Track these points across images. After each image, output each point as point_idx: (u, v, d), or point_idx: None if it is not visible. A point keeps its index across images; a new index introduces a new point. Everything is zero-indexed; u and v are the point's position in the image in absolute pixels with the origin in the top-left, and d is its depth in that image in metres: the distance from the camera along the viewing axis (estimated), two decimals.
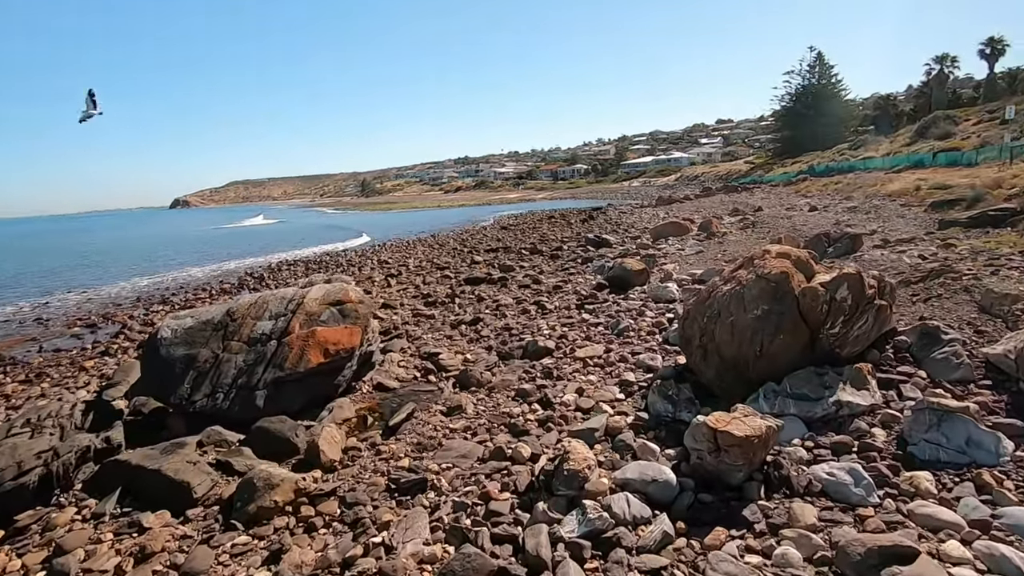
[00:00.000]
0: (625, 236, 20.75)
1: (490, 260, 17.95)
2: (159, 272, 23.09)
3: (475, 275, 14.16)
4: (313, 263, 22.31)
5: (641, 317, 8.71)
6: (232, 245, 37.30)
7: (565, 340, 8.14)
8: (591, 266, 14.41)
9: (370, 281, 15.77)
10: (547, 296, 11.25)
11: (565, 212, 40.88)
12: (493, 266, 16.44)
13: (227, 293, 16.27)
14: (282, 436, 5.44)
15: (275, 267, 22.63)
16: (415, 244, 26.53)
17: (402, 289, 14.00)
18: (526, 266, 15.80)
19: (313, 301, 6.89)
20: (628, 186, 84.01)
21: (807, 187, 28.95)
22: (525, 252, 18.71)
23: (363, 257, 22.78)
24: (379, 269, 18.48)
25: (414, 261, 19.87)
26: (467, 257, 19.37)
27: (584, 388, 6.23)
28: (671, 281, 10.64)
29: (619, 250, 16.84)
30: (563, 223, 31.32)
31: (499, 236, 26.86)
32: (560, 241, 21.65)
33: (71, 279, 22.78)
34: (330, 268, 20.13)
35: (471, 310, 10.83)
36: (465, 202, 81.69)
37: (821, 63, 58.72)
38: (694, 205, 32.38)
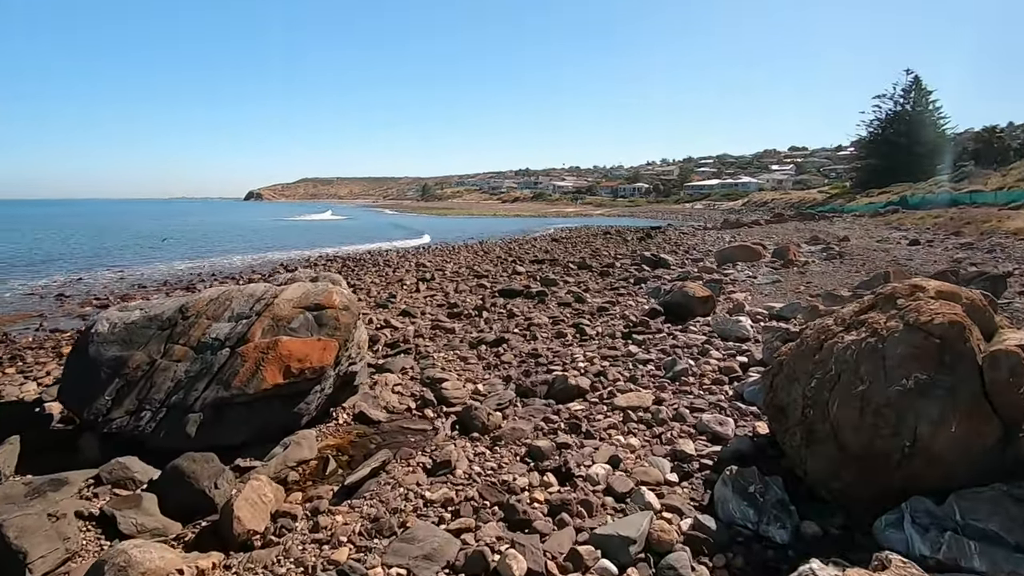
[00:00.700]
0: (686, 258, 18.63)
1: (533, 272, 16.31)
2: (201, 257, 22.84)
3: (512, 287, 12.54)
4: (350, 260, 21.38)
5: (704, 358, 6.80)
6: (292, 237, 37.40)
7: (603, 379, 6.36)
8: (645, 288, 12.50)
9: (399, 284, 14.46)
10: (589, 319, 9.47)
11: (622, 229, 38.77)
12: (534, 278, 14.78)
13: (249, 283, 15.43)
14: (196, 486, 3.97)
15: (313, 261, 21.86)
16: (460, 249, 25.24)
17: (430, 296, 12.56)
18: (571, 281, 14.04)
19: (286, 302, 5.46)
20: (691, 208, 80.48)
21: (899, 219, 25.70)
22: (572, 266, 16.95)
23: (402, 258, 21.65)
24: (414, 272, 17.20)
25: (453, 266, 18.49)
26: (509, 267, 17.80)
27: (621, 457, 4.45)
28: (743, 314, 8.65)
29: (678, 272, 14.82)
30: (618, 239, 29.31)
31: (548, 247, 25.20)
32: (613, 257, 19.73)
33: (119, 257, 22.88)
34: (366, 266, 19.06)
35: (497, 327, 9.20)
36: (521, 212, 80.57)
37: (918, 88, 53.64)
38: (764, 231, 29.61)
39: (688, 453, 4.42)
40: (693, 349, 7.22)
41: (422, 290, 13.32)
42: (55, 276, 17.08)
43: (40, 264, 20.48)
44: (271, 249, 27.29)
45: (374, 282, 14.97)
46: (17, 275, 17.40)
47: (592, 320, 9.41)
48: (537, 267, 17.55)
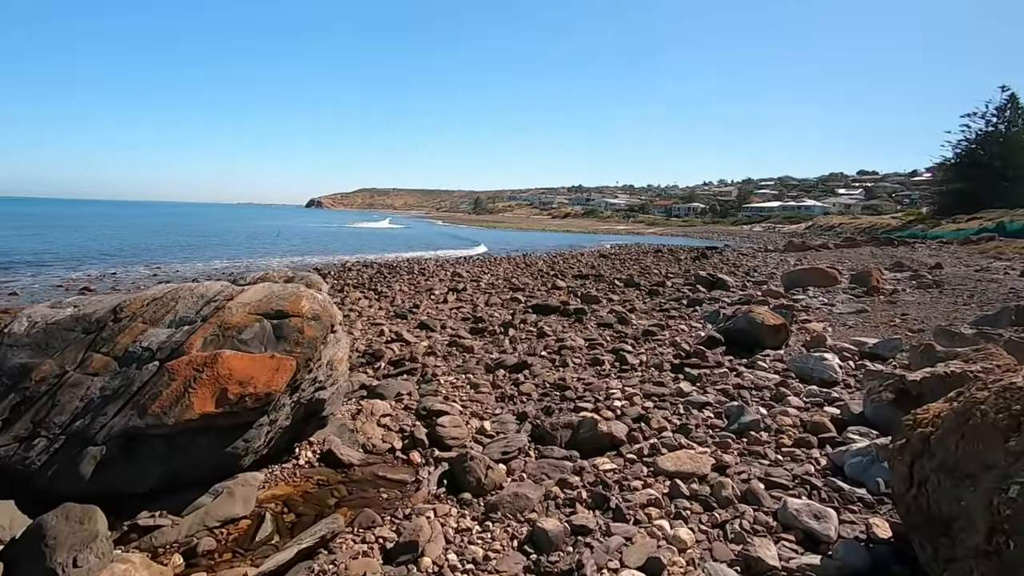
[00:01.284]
0: (747, 279, 16.70)
1: (574, 287, 14.87)
2: (241, 257, 22.68)
3: (547, 302, 11.15)
4: (387, 266, 20.55)
5: (780, 405, 5.20)
6: (341, 242, 37.58)
7: (645, 426, 4.88)
8: (700, 311, 10.84)
9: (428, 293, 13.34)
10: (632, 344, 7.97)
11: (674, 248, 36.68)
12: (575, 294, 13.34)
13: None
14: (47, 561, 2.80)
15: (349, 266, 21.18)
16: (501, 261, 24.07)
17: (456, 308, 11.34)
18: (615, 299, 12.51)
19: (240, 306, 4.30)
20: (749, 230, 76.67)
21: (997, 248, 22.65)
22: (618, 283, 15.39)
23: (440, 267, 20.65)
24: (447, 281, 16.09)
25: (489, 277, 17.28)
26: (549, 280, 16.42)
27: (664, 560, 2.98)
28: (825, 349, 6.94)
29: (739, 295, 13.02)
30: (670, 258, 27.41)
31: (594, 263, 23.67)
32: (664, 276, 18.01)
33: (165, 254, 23.04)
34: (400, 273, 18.14)
35: (523, 349, 7.83)
36: (570, 228, 79.02)
37: (1014, 106, 48.54)
38: (835, 255, 26.96)
39: (768, 563, 2.91)
40: (764, 392, 5.61)
41: (450, 301, 12.13)
42: (89, 271, 17.07)
43: (98, 257, 20.83)
44: (314, 253, 27.02)
45: (402, 290, 13.93)
46: (59, 268, 17.52)
47: (636, 346, 7.90)
48: (579, 282, 16.09)
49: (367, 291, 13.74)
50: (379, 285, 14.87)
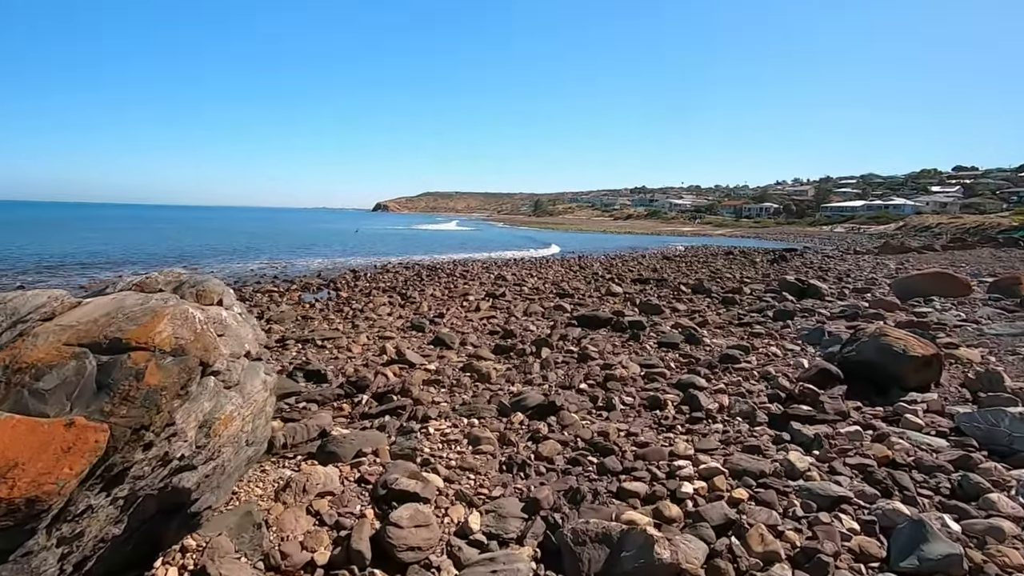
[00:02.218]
0: (843, 286, 13.83)
1: (632, 294, 12.67)
2: (282, 258, 21.91)
3: (596, 313, 9.07)
4: (427, 268, 19.03)
5: (979, 511, 2.96)
6: (395, 244, 36.93)
7: (737, 546, 2.80)
8: (792, 327, 8.41)
9: (462, 299, 11.60)
10: (707, 374, 5.80)
11: (747, 249, 33.28)
12: (632, 302, 11.17)
13: (273, 293, 13.45)
14: None
15: (389, 267, 19.84)
16: (552, 263, 22.05)
17: (487, 317, 9.49)
18: (681, 309, 10.24)
19: (56, 332, 2.62)
20: (829, 231, 70.37)
21: None
22: (685, 290, 13.03)
23: (485, 269, 18.91)
24: (488, 285, 14.31)
25: (536, 281, 15.34)
26: (604, 285, 14.28)
27: None
28: (1007, 393, 4.53)
29: (839, 306, 10.39)
30: (744, 261, 24.40)
31: (657, 266, 21.19)
32: (739, 281, 15.42)
33: (220, 256, 22.76)
34: (438, 276, 16.54)
35: (556, 377, 5.83)
36: (632, 230, 75.52)
37: None
38: (944, 257, 23.00)
39: None
40: (939, 479, 3.36)
41: (483, 309, 10.30)
42: (123, 270, 16.67)
43: (169, 258, 20.83)
44: (358, 254, 26.03)
45: (433, 294, 12.26)
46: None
47: (711, 378, 5.73)
48: (639, 288, 13.86)
49: (395, 295, 12.18)
50: (411, 289, 13.29)
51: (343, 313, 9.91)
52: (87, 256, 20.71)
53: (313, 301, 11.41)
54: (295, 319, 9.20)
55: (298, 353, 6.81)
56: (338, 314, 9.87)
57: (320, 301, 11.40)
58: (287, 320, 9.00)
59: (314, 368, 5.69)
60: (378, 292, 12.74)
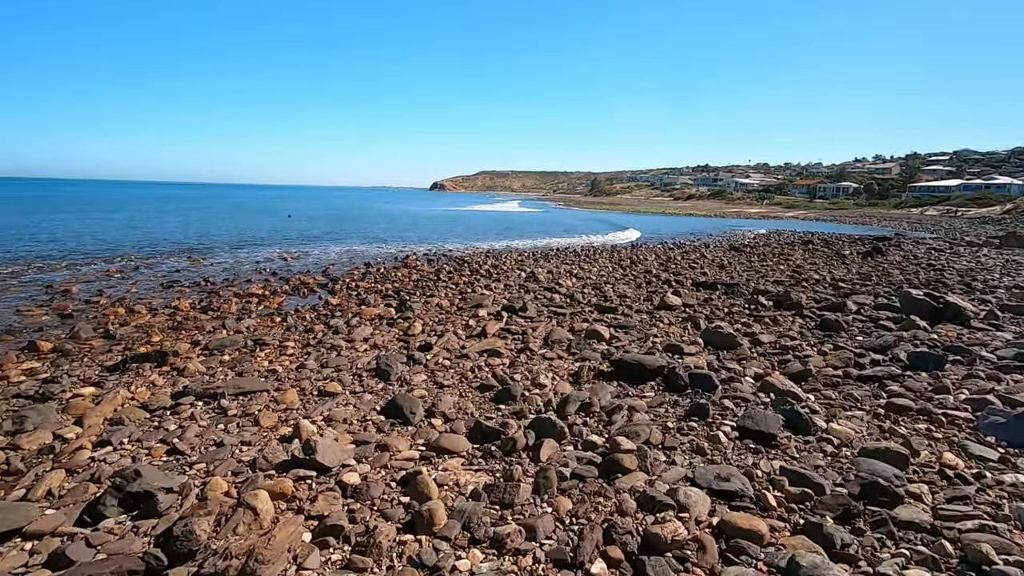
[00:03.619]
0: (980, 297, 10.18)
1: (693, 308, 9.67)
2: (297, 247, 19.84)
3: (640, 358, 6.19)
4: (455, 261, 16.53)
5: None
6: (473, 227, 34.92)
7: None
8: (954, 386, 5.27)
9: (472, 315, 9.03)
10: (846, 538, 2.96)
11: (828, 237, 28.75)
12: (695, 325, 8.21)
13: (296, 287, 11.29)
14: None
15: (410, 261, 17.51)
16: (598, 255, 19.02)
17: (486, 352, 6.84)
18: (765, 343, 7.22)
19: None
20: (919, 214, 62.48)
21: None
22: (765, 303, 9.87)
23: (519, 264, 16.19)
24: (515, 288, 11.65)
25: (574, 283, 12.51)
26: (659, 290, 11.30)
27: None
28: None
29: (1000, 339, 7.04)
30: (827, 253, 20.42)
31: (724, 260, 17.76)
32: (831, 284, 12.03)
33: (236, 242, 21.30)
34: (463, 272, 14.00)
35: (551, 530, 3.17)
36: (694, 211, 70.05)
37: None
38: None
39: None
40: None
41: (490, 333, 7.68)
42: (174, 257, 15.27)
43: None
44: (385, 241, 23.82)
45: (440, 304, 9.74)
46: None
47: (859, 545, 2.88)
48: (703, 297, 10.78)
49: (393, 302, 9.77)
50: (418, 293, 10.84)
51: (311, 335, 7.58)
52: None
53: (291, 311, 9.18)
54: (243, 345, 6.95)
55: (177, 427, 4.47)
56: (305, 335, 7.56)
57: (300, 312, 9.16)
58: (227, 349, 6.75)
59: (141, 489, 3.29)
60: (377, 298, 10.37)
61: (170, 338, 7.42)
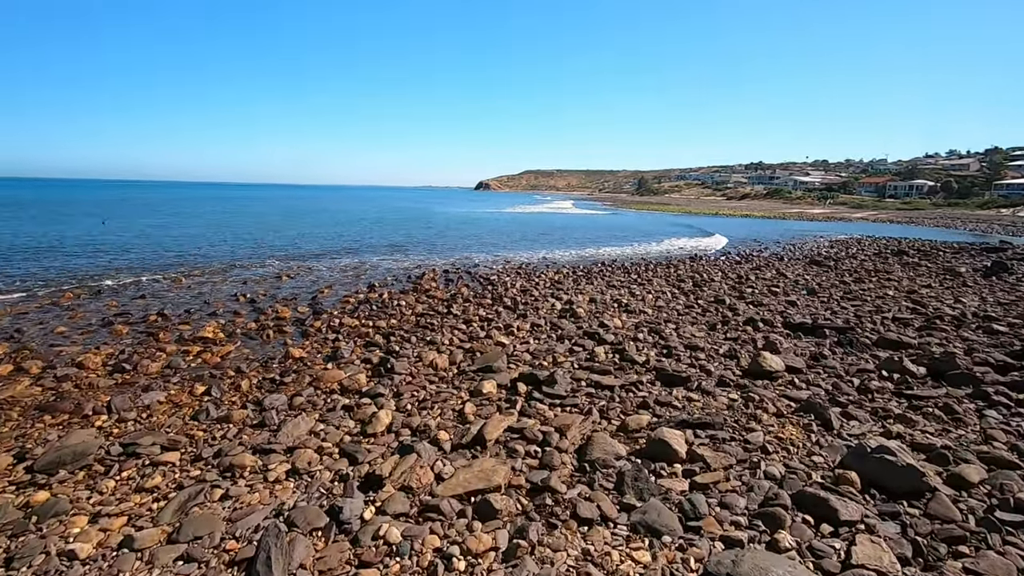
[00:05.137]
0: None
1: (807, 372, 6.41)
2: (298, 260, 17.37)
3: (777, 512, 3.15)
4: (479, 279, 13.64)
5: None
6: (507, 233, 32.22)
7: None
8: None
9: (482, 379, 6.15)
10: None
11: (921, 246, 24.14)
12: (823, 422, 5.03)
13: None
14: None
15: (424, 280, 14.78)
16: (653, 274, 15.68)
17: (471, 503, 3.93)
18: (975, 484, 3.99)
19: None
20: (1011, 215, 55.12)
21: None
22: (913, 368, 6.48)
23: (556, 286, 13.15)
24: (545, 327, 8.70)
25: (624, 319, 9.42)
26: (743, 337, 8.08)
27: None
28: None
29: None
30: (932, 268, 16.28)
31: (810, 279, 14.13)
32: (982, 324, 8.43)
33: (241, 252, 19.22)
34: (481, 301, 11.13)
35: None
36: (750, 212, 64.55)
37: None
38: None
39: None
40: None
41: (493, 437, 4.75)
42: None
43: None
44: (406, 252, 21.23)
45: (435, 363, 6.89)
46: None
47: None
48: (810, 348, 7.45)
49: (374, 355, 7.02)
50: (412, 340, 8.05)
51: (211, 437, 4.90)
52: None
53: (225, 374, 6.57)
54: (88, 465, 4.33)
55: None
56: (205, 435, 4.90)
57: (234, 376, 6.54)
58: (61, 471, 4.15)
59: None
60: (356, 347, 7.65)
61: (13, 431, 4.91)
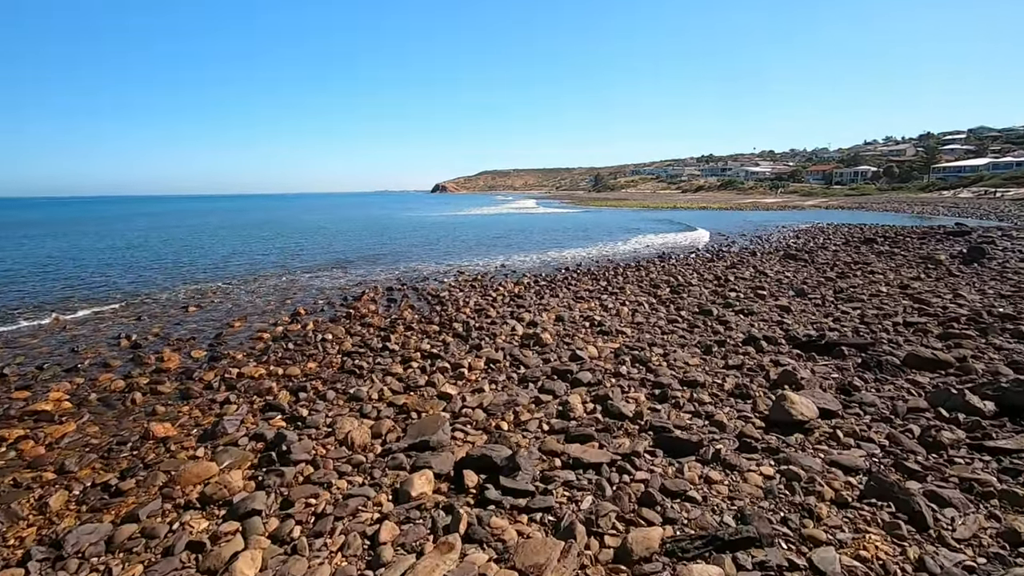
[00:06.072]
0: None
1: (842, 415, 4.78)
2: (224, 276, 15.08)
3: None
4: (427, 298, 11.62)
5: None
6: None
7: None
8: None
9: (412, 469, 4.23)
10: None
11: (888, 232, 23.56)
12: (900, 507, 3.38)
13: None
14: None
15: (359, 305, 12.71)
16: (622, 273, 14.05)
17: None
18: None
19: None
20: (952, 196, 56.91)
21: None
22: (981, 406, 4.95)
23: (514, 303, 11.32)
24: (505, 362, 6.87)
25: (601, 344, 7.69)
26: (742, 358, 6.47)
27: None
28: None
29: None
30: (909, 257, 15.33)
31: (791, 276, 12.81)
32: (1001, 322, 7.07)
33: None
34: (449, 335, 9.22)
35: None
36: (707, 204, 64.61)
37: None
38: None
39: None
40: None
41: None
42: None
43: None
44: (348, 264, 19.17)
45: (352, 439, 4.92)
46: None
47: None
48: (831, 373, 5.86)
49: (268, 432, 5.03)
50: (340, 387, 6.07)
51: None
52: None
53: (89, 441, 4.44)
54: None
55: None
56: None
57: (97, 445, 4.42)
58: None
59: None
60: (252, 411, 5.61)
61: None
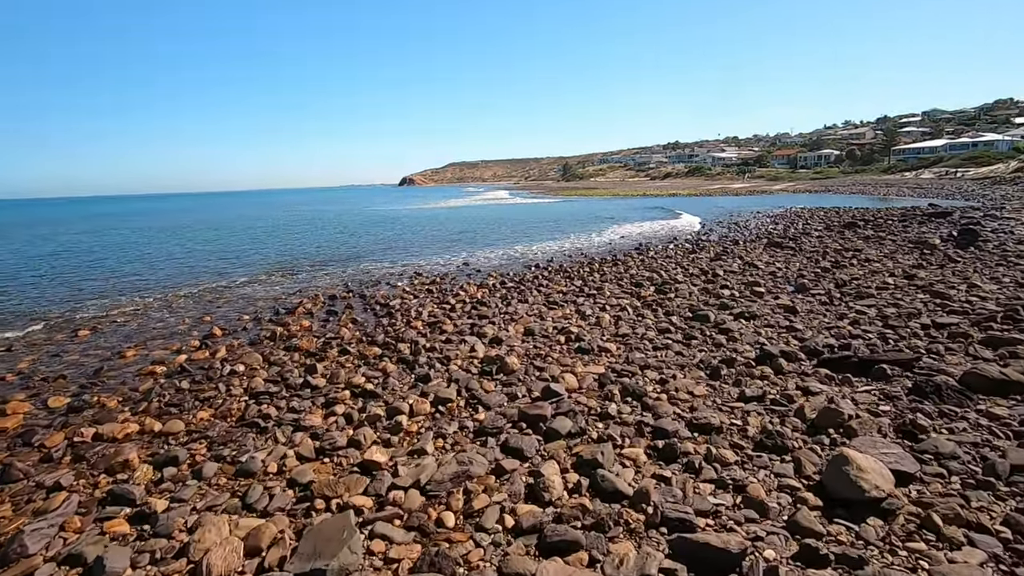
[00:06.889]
0: None
1: (936, 501, 3.35)
2: (149, 287, 13.07)
3: None
4: (374, 308, 9.88)
5: None
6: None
7: None
8: None
9: None
10: None
11: (867, 215, 22.78)
12: None
13: None
14: None
15: (292, 320, 10.90)
16: (599, 269, 12.56)
17: None
18: None
19: None
20: (914, 178, 57.65)
21: None
22: None
23: (473, 312, 9.71)
24: (461, 400, 5.27)
25: (581, 370, 6.16)
26: (768, 390, 5.02)
27: None
28: None
29: None
30: (898, 241, 14.27)
31: (784, 268, 11.52)
32: None
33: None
34: (393, 358, 7.53)
35: None
36: (677, 191, 63.96)
37: None
38: None
39: None
40: None
41: None
42: None
43: None
44: (298, 265, 17.22)
45: (211, 554, 3.24)
46: None
47: None
48: (880, 403, 4.46)
49: (86, 560, 3.32)
50: (230, 453, 4.35)
51: None
52: None
53: None
54: None
55: None
56: None
57: None
58: None
59: None
60: (84, 505, 3.84)
61: None
